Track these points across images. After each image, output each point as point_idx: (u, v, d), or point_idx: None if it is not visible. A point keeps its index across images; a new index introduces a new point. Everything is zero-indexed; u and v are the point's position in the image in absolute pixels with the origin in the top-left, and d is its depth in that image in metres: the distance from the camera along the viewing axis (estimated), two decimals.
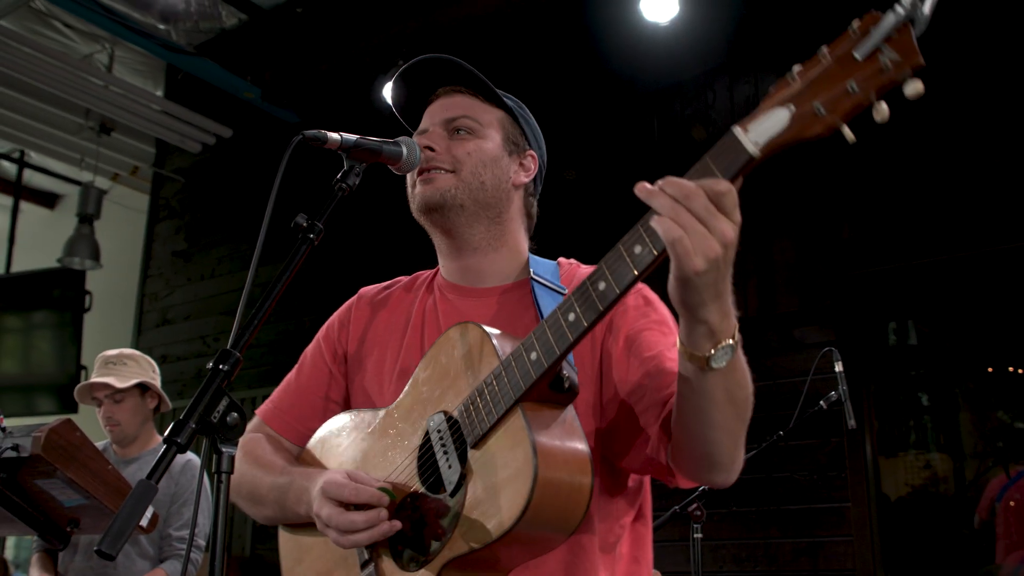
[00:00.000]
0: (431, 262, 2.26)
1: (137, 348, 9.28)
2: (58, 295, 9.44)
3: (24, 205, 10.83)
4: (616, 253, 1.45)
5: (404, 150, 1.94)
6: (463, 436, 1.69)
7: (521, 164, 2.10)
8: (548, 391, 1.62)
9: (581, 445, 1.62)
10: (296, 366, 2.26)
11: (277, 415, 2.19)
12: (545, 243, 2.21)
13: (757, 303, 5.94)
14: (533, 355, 1.58)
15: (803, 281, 5.83)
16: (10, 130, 9.27)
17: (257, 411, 2.23)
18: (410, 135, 2.09)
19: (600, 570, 1.81)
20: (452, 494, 1.67)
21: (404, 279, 2.26)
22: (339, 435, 2.05)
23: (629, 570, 1.88)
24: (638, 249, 1.41)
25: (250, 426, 2.19)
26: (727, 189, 1.33)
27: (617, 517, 1.88)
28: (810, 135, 1.31)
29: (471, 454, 1.66)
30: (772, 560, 5.56)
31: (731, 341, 1.42)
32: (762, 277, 5.96)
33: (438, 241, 2.11)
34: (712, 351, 1.42)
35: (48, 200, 11.53)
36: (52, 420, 2.96)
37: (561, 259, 2.10)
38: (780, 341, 5.79)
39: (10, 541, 10.75)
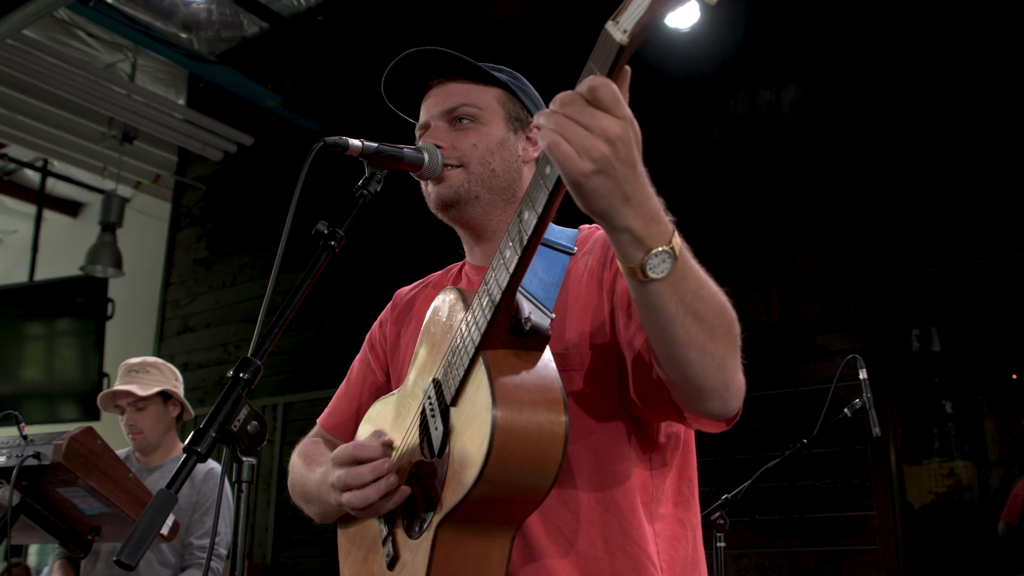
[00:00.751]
0: (447, 261, 2.29)
1: (159, 356, 9.32)
2: (81, 303, 9.51)
3: (47, 213, 10.93)
4: (534, 179, 1.43)
5: (426, 156, 1.93)
6: (445, 397, 1.70)
7: (528, 138, 2.08)
8: (509, 336, 1.58)
9: (551, 389, 1.56)
10: (346, 375, 2.32)
11: (331, 420, 2.27)
12: None
13: (780, 310, 5.91)
14: (485, 300, 1.58)
15: (826, 288, 5.80)
16: (33, 139, 9.35)
17: (317, 420, 2.31)
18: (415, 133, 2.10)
19: (639, 526, 1.76)
20: (439, 455, 1.67)
21: (436, 274, 2.28)
22: (372, 422, 2.11)
23: (674, 532, 1.82)
24: (548, 169, 1.38)
25: (310, 432, 2.30)
26: (601, 83, 1.27)
27: (652, 474, 1.82)
28: (669, 4, 1.23)
29: (452, 412, 1.67)
30: (796, 569, 5.51)
31: (666, 248, 1.35)
32: (785, 284, 5.92)
33: (459, 232, 2.12)
34: (644, 259, 1.35)
35: (71, 208, 11.63)
36: (73, 428, 2.96)
37: (583, 226, 2.06)
38: (803, 348, 5.76)
39: (32, 548, 10.80)
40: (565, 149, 1.28)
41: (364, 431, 2.13)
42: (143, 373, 4.54)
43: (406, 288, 2.31)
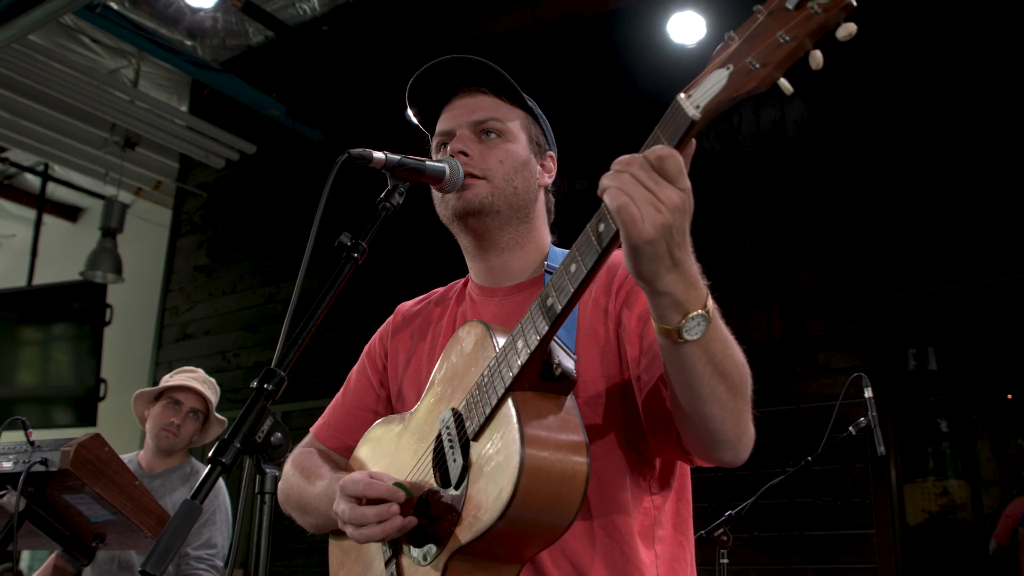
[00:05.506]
0: (449, 276, 2.30)
1: (156, 362, 9.31)
2: (78, 308, 9.47)
3: (46, 218, 10.89)
4: (584, 235, 1.47)
5: (447, 169, 1.94)
6: (466, 430, 1.72)
7: (542, 165, 2.12)
8: (539, 379, 1.63)
9: (575, 432, 1.62)
10: (343, 385, 2.32)
11: (326, 430, 2.27)
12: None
13: (782, 327, 5.91)
14: (519, 343, 1.61)
15: (828, 305, 5.80)
16: (35, 143, 9.32)
17: (311, 428, 2.31)
18: (426, 136, 2.11)
19: (641, 551, 1.80)
20: (456, 487, 1.70)
21: (439, 290, 2.29)
22: (375, 443, 2.12)
23: (673, 553, 1.86)
24: (601, 227, 1.43)
25: (303, 441, 2.29)
26: (668, 154, 1.33)
27: (652, 498, 1.87)
28: (746, 91, 1.29)
29: (472, 446, 1.70)
30: None
31: (702, 311, 1.42)
32: (787, 301, 5.92)
33: (466, 243, 2.12)
34: (681, 322, 1.41)
35: (70, 213, 11.60)
36: (81, 435, 2.94)
37: None
38: (805, 365, 5.76)
39: (25, 552, 10.75)
40: (633, 213, 1.33)
41: (365, 451, 2.13)
42: (213, 391, 4.56)
43: (408, 303, 2.32)
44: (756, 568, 5.60)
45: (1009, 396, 8.77)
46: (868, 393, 3.80)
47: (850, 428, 3.81)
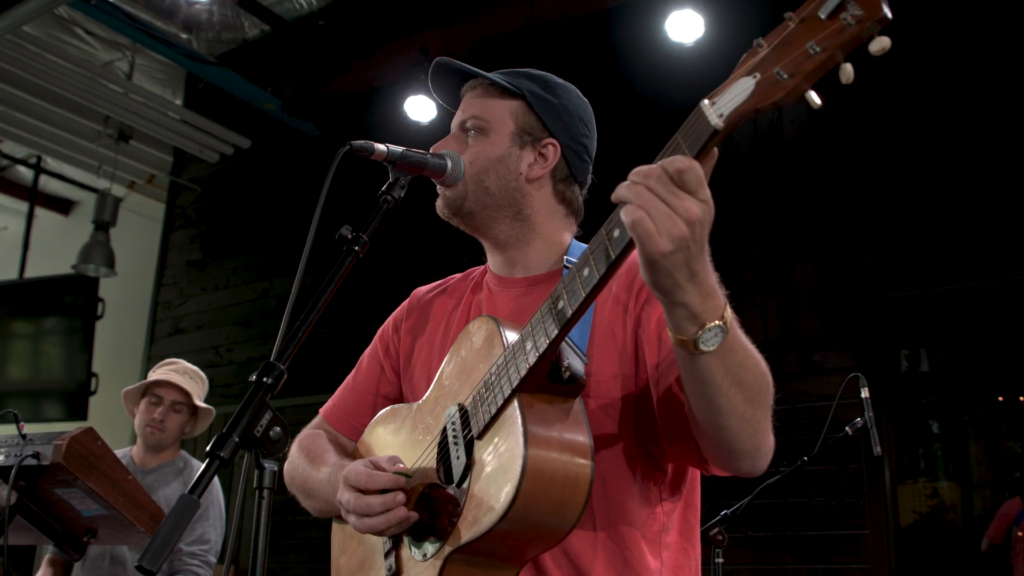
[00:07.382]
0: (450, 271, 2.28)
1: (149, 356, 9.28)
2: (70, 301, 9.43)
3: (39, 211, 10.85)
4: (598, 238, 1.44)
5: (449, 163, 1.93)
6: (471, 428, 1.71)
7: (540, 154, 2.02)
8: (547, 382, 1.61)
9: (581, 436, 1.60)
10: (355, 367, 2.30)
11: (335, 413, 2.25)
12: None
13: (778, 326, 5.90)
14: (528, 344, 1.59)
15: (824, 305, 5.80)
16: (28, 135, 9.27)
17: (320, 410, 2.29)
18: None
19: (648, 558, 1.78)
20: (459, 484, 1.69)
21: (456, 277, 2.26)
22: (382, 430, 2.11)
23: (678, 560, 1.84)
24: (616, 233, 1.39)
25: (312, 423, 2.27)
26: (688, 165, 1.29)
27: (661, 505, 1.85)
28: (772, 102, 1.24)
29: (476, 445, 1.68)
30: None
31: (719, 322, 1.37)
32: (783, 301, 5.92)
33: (477, 237, 2.12)
34: (698, 333, 1.37)
35: (63, 206, 11.55)
36: (74, 428, 2.91)
37: None
38: (800, 365, 5.75)
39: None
40: (648, 227, 1.29)
41: (372, 439, 2.12)
42: (195, 381, 4.50)
43: (424, 288, 2.29)
44: (749, 568, 5.59)
45: (1000, 398, 8.79)
46: (865, 393, 3.78)
47: (847, 428, 3.79)
